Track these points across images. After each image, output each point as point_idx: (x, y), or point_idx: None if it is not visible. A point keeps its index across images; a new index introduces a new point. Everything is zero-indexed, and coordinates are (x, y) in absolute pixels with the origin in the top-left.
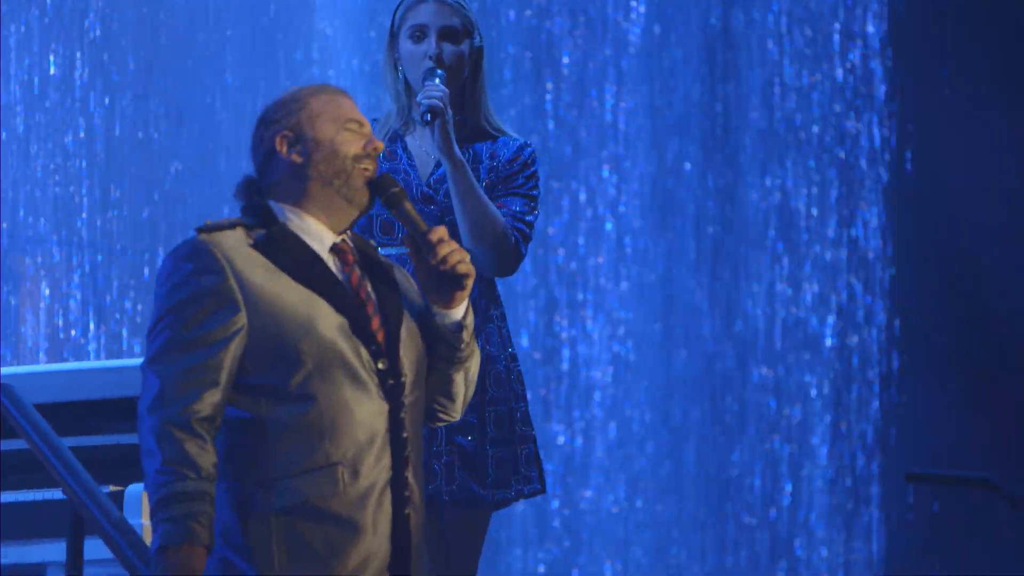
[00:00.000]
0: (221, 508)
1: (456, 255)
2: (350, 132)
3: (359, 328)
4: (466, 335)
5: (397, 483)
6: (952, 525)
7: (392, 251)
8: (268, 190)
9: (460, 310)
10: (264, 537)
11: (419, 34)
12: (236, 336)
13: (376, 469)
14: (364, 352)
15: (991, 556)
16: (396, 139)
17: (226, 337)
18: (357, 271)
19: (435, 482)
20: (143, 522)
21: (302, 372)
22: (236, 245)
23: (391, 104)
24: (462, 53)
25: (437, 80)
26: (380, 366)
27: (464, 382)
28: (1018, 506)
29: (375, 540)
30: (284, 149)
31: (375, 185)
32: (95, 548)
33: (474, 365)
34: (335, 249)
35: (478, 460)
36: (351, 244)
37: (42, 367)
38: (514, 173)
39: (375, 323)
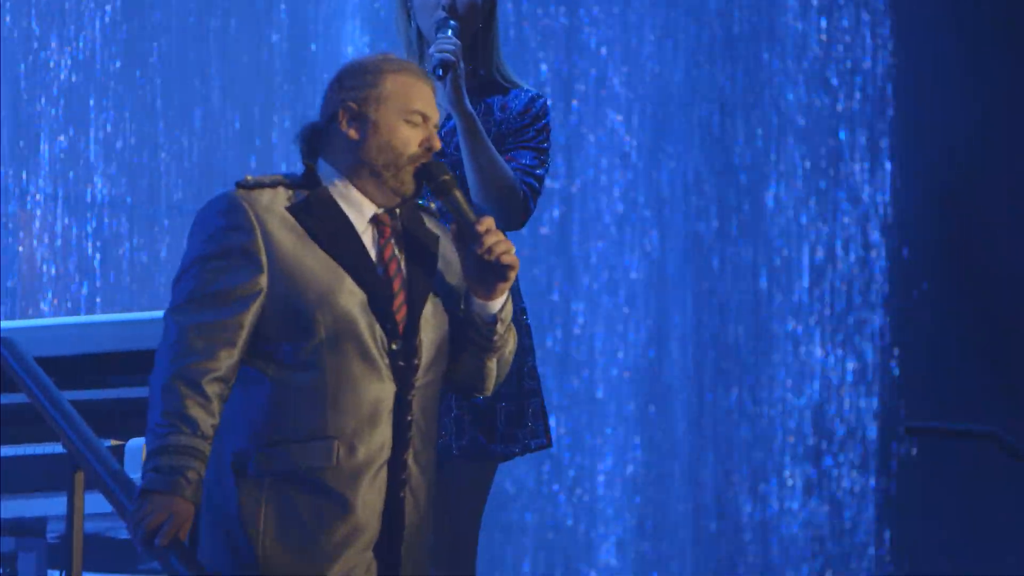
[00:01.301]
0: (217, 468)
1: (502, 245)
2: (411, 125)
3: (379, 305)
4: (500, 327)
5: (395, 465)
6: (954, 479)
7: None
8: (324, 149)
9: (499, 302)
10: (254, 501)
11: None
12: (257, 297)
13: (374, 448)
14: (379, 330)
15: (994, 510)
16: None
17: (247, 296)
18: (392, 245)
19: (444, 437)
20: None
21: (314, 341)
22: (271, 205)
23: (403, 53)
24: (475, 4)
25: (450, 32)
26: (393, 346)
27: (497, 366)
28: (1021, 459)
29: (363, 517)
30: (344, 121)
31: (424, 172)
32: (96, 502)
33: (508, 349)
34: (375, 220)
35: (487, 414)
36: (393, 216)
37: (43, 320)
38: (525, 126)
39: (398, 301)
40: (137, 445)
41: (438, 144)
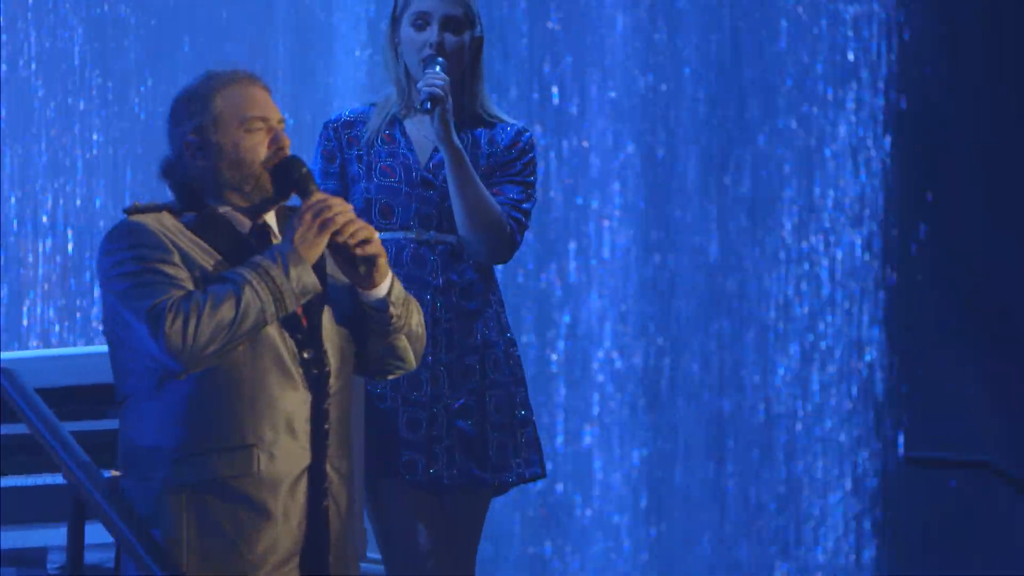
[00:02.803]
0: (137, 483)
1: (363, 232)
2: (255, 132)
3: (285, 316)
4: (394, 310)
5: (315, 474)
6: (953, 509)
7: (388, 235)
8: (187, 177)
9: (383, 288)
10: (176, 511)
11: (422, 22)
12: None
13: (293, 457)
14: (290, 340)
15: (993, 541)
16: (395, 123)
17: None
18: None
19: (436, 467)
20: None
21: (232, 352)
22: (169, 226)
23: (390, 87)
24: (463, 43)
25: (438, 68)
26: (305, 355)
27: (410, 340)
28: (1021, 489)
29: (285, 527)
30: (191, 154)
31: (280, 170)
32: (96, 533)
33: (415, 322)
34: (256, 233)
35: (479, 444)
36: (273, 225)
37: (43, 351)
38: (512, 160)
39: (299, 310)
40: None
41: (287, 141)
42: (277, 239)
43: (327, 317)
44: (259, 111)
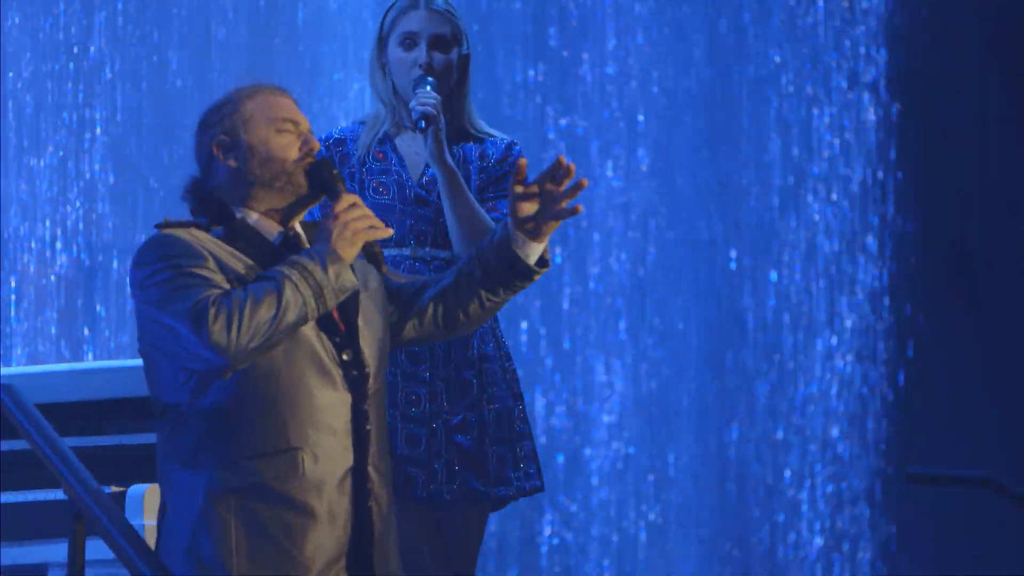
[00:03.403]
0: (181, 494)
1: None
2: (285, 133)
3: (321, 319)
4: (539, 275)
5: (358, 474)
6: (952, 525)
7: (383, 252)
8: (214, 191)
9: (543, 246)
10: (223, 517)
11: (409, 42)
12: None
13: (336, 458)
14: (328, 343)
15: (992, 557)
16: (386, 141)
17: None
18: None
19: (436, 481)
20: (144, 522)
21: (269, 355)
22: (201, 237)
23: (379, 106)
24: (451, 62)
25: (428, 87)
26: (344, 357)
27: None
28: (1021, 506)
29: (332, 529)
30: (221, 155)
31: (314, 170)
32: (96, 548)
33: None
34: (286, 242)
35: (478, 458)
36: (302, 233)
37: (44, 367)
38: (504, 174)
39: (335, 314)
40: (139, 491)
41: (316, 144)
42: (307, 247)
43: (363, 319)
44: (288, 114)
